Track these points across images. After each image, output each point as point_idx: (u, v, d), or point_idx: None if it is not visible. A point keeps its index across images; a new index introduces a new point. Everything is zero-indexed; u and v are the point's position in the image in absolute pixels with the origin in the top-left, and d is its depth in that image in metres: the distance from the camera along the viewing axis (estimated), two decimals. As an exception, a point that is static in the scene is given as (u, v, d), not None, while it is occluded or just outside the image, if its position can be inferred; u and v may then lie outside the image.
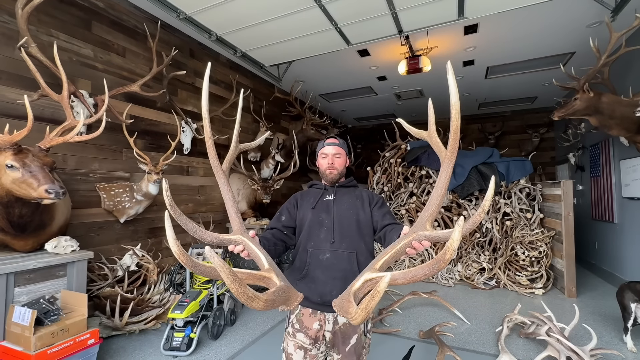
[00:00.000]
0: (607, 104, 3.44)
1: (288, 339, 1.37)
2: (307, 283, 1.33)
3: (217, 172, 1.21)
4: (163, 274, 3.27)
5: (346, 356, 1.33)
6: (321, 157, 1.51)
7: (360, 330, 1.36)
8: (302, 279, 1.34)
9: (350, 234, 1.37)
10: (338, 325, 1.35)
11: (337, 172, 1.48)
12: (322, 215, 1.41)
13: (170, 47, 3.61)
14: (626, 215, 4.25)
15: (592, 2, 3.28)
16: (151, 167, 3.07)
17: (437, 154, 1.08)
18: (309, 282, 1.33)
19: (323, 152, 1.51)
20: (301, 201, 1.49)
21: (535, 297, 3.76)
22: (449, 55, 4.60)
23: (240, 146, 1.33)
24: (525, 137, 7.42)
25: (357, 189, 1.53)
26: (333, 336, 1.34)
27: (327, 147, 1.51)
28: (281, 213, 1.46)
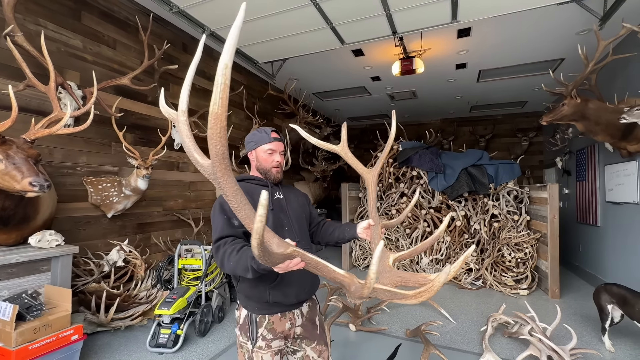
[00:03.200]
0: (594, 110, 3.52)
1: (260, 353, 1.25)
2: (281, 288, 1.26)
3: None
4: (151, 270, 3.24)
5: (318, 338, 1.39)
6: (267, 152, 1.37)
7: (318, 308, 1.47)
8: (275, 286, 1.25)
9: (304, 231, 1.42)
10: (304, 316, 1.37)
11: (282, 171, 1.41)
12: (280, 215, 1.34)
13: (163, 40, 3.56)
14: (609, 219, 4.36)
15: (581, 10, 3.35)
16: (140, 161, 3.03)
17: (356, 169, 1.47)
18: (284, 286, 1.26)
19: (270, 147, 1.37)
20: (250, 200, 1.29)
21: (519, 297, 3.84)
22: (442, 57, 4.64)
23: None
24: (515, 141, 7.55)
25: (293, 187, 1.57)
26: (304, 329, 1.36)
27: (275, 142, 1.38)
28: (231, 217, 1.19)
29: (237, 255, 1.07)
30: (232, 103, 4.86)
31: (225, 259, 1.09)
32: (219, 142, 0.72)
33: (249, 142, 1.42)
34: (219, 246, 1.14)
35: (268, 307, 1.27)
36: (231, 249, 1.10)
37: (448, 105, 7.23)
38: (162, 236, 3.70)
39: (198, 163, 0.81)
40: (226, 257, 1.09)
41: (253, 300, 1.27)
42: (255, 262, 0.98)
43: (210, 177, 0.81)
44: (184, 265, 3.00)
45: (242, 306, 1.31)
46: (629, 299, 2.50)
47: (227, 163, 0.76)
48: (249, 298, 1.28)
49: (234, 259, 1.07)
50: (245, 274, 1.04)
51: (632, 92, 3.55)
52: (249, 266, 1.01)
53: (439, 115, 8.12)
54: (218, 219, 1.21)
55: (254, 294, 1.26)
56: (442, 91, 6.20)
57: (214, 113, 0.69)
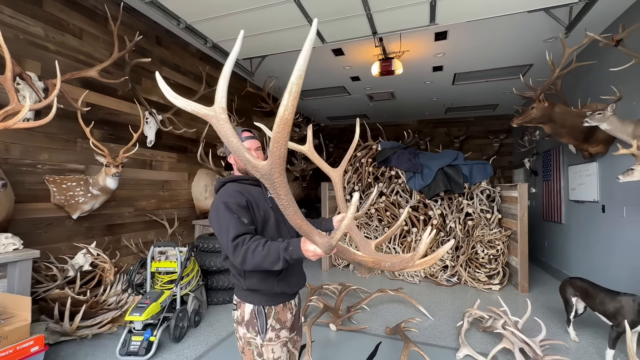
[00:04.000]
0: (559, 113, 3.72)
1: (271, 345, 1.28)
2: (287, 279, 1.32)
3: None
4: (121, 274, 3.06)
5: (299, 329, 1.47)
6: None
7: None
8: (281, 278, 1.30)
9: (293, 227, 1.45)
10: (297, 307, 1.44)
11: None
12: (277, 213, 1.38)
13: (134, 31, 3.38)
14: (572, 216, 4.64)
15: (548, 19, 3.52)
16: (110, 159, 2.86)
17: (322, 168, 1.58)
18: (289, 277, 1.33)
19: (246, 146, 1.35)
20: (250, 199, 1.31)
21: (492, 292, 4.00)
22: (419, 59, 4.74)
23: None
24: (487, 142, 7.87)
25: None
26: (294, 319, 1.40)
27: (247, 141, 1.37)
28: (240, 215, 1.21)
29: (264, 249, 1.10)
30: (210, 100, 4.71)
31: (249, 255, 1.11)
32: (283, 145, 0.77)
33: (226, 147, 1.41)
34: (238, 244, 1.14)
35: (274, 298, 1.31)
36: (254, 244, 1.12)
37: (425, 107, 7.41)
38: (134, 238, 3.52)
39: (250, 164, 0.81)
40: (249, 253, 1.11)
41: (261, 293, 1.29)
42: (287, 253, 1.06)
43: (264, 177, 0.83)
44: (158, 268, 2.86)
45: (245, 302, 1.30)
46: (590, 292, 2.66)
47: (284, 165, 0.82)
48: (256, 292, 1.29)
49: (261, 254, 1.09)
50: (273, 266, 1.08)
51: (594, 97, 3.78)
52: (280, 258, 1.07)
53: (416, 116, 8.31)
54: (226, 218, 1.20)
55: (263, 287, 1.28)
56: (419, 93, 6.34)
57: (283, 118, 0.73)
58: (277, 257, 1.07)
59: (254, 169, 0.82)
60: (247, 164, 0.80)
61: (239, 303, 1.32)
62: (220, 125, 0.82)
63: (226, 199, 1.25)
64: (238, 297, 1.33)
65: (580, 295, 2.74)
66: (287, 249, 1.07)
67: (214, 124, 0.82)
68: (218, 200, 1.27)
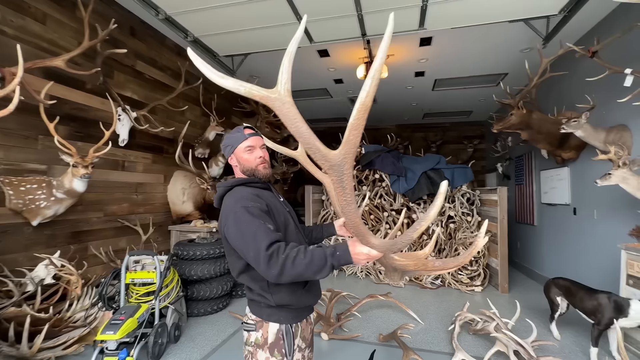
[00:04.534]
0: (537, 120, 3.90)
1: None
2: (312, 291, 1.21)
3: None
4: (89, 287, 2.75)
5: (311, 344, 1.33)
6: (246, 151, 1.24)
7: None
8: (308, 289, 1.19)
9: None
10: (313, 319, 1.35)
11: (269, 166, 1.29)
12: (290, 216, 1.29)
13: (106, 20, 3.09)
14: (544, 218, 4.88)
15: (526, 29, 3.68)
16: (78, 159, 2.57)
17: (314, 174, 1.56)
18: (313, 288, 1.23)
19: (248, 145, 1.24)
20: (269, 203, 1.19)
21: (475, 294, 4.08)
22: (404, 64, 4.79)
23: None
24: (462, 147, 8.15)
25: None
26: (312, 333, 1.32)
27: (251, 138, 1.26)
28: (267, 222, 1.08)
29: (306, 256, 0.97)
30: (188, 98, 4.45)
31: (288, 265, 0.96)
32: (360, 133, 0.74)
33: (225, 147, 1.29)
34: (273, 253, 0.98)
35: (301, 312, 1.19)
36: (294, 252, 0.98)
37: (404, 112, 7.54)
38: (103, 246, 3.20)
39: (320, 152, 0.77)
40: (289, 262, 0.96)
41: (290, 308, 1.15)
42: (335, 259, 0.96)
43: (333, 168, 0.78)
44: (133, 279, 2.60)
45: (268, 322, 1.15)
46: (572, 290, 2.77)
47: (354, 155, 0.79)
48: (285, 307, 1.15)
49: (303, 262, 0.96)
50: (316, 275, 0.97)
51: (569, 105, 3.99)
52: (327, 264, 0.96)
53: (395, 120, 8.44)
54: (253, 225, 1.04)
55: (292, 301, 1.14)
56: (400, 97, 6.43)
57: (365, 104, 0.71)
58: (323, 263, 0.96)
59: (324, 158, 0.77)
60: (317, 152, 0.76)
61: (258, 323, 1.15)
62: (286, 110, 0.74)
63: (245, 203, 1.10)
64: (258, 316, 1.16)
65: (564, 294, 2.84)
66: (334, 254, 0.96)
67: (278, 108, 0.74)
68: (234, 205, 1.11)
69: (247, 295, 1.21)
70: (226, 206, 1.14)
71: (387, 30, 0.68)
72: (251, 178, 1.24)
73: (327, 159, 0.77)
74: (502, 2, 3.09)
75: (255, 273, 1.11)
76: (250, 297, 1.18)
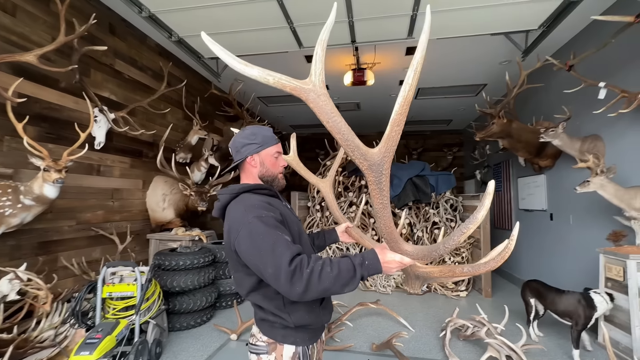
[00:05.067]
0: (516, 129, 4.06)
1: None
2: (327, 307, 1.13)
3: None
4: (59, 302, 2.52)
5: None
6: (274, 156, 1.18)
7: None
8: (325, 306, 1.11)
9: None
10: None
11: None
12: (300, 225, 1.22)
13: (82, 15, 2.92)
14: (522, 224, 5.06)
15: (506, 42, 3.85)
16: (50, 162, 2.36)
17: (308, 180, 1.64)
18: (328, 304, 1.14)
19: (277, 150, 1.19)
20: (282, 213, 1.10)
21: (460, 299, 4.14)
22: (389, 72, 4.86)
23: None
24: (442, 155, 8.38)
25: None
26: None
27: (279, 144, 1.21)
28: (284, 233, 0.98)
29: (332, 269, 0.88)
30: (169, 100, 4.27)
31: (315, 280, 0.86)
32: (401, 130, 0.75)
33: (249, 143, 1.14)
34: (297, 268, 0.87)
35: (317, 332, 1.10)
36: (319, 265, 0.89)
37: (387, 119, 7.50)
38: (75, 257, 2.95)
39: (359, 150, 0.75)
40: (315, 277, 0.87)
41: (307, 328, 1.06)
42: (365, 269, 0.89)
43: (372, 167, 0.77)
44: (110, 293, 2.40)
45: (283, 344, 1.04)
46: (542, 292, 2.88)
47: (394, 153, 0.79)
48: (301, 328, 1.04)
49: (330, 276, 0.87)
50: (344, 288, 0.88)
51: (546, 115, 4.19)
52: (356, 276, 0.88)
53: (377, 128, 8.55)
54: (270, 237, 0.93)
55: (311, 320, 1.05)
56: (384, 105, 6.53)
57: (407, 98, 0.71)
58: (352, 275, 0.87)
59: (363, 157, 0.73)
60: (355, 150, 0.72)
61: (271, 345, 1.05)
62: (322, 102, 0.69)
63: (258, 212, 0.98)
64: (271, 337, 1.05)
65: (536, 297, 2.94)
66: (362, 264, 0.89)
67: (312, 100, 0.68)
68: (244, 215, 0.98)
69: (257, 315, 1.09)
70: (234, 216, 1.02)
71: (425, 24, 0.66)
72: (259, 185, 1.14)
73: (366, 157, 0.73)
74: (485, 16, 3.21)
75: (269, 291, 1.02)
76: (262, 317, 1.06)
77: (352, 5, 2.90)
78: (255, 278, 1.03)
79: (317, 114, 0.71)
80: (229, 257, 1.08)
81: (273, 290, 1.00)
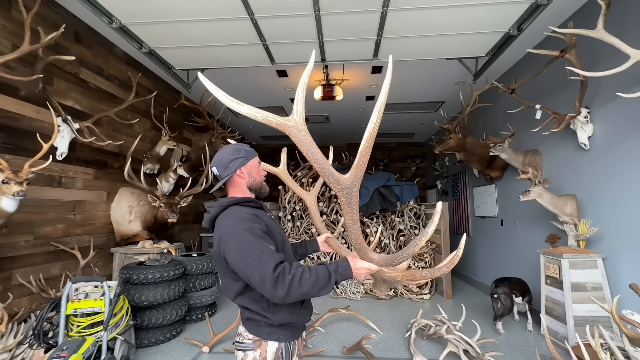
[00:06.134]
0: (470, 144, 4.48)
1: None
2: (307, 308, 1.25)
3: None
4: (14, 323, 2.37)
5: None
6: (257, 166, 1.30)
7: None
8: (305, 306, 1.23)
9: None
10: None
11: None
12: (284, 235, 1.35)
13: (47, 22, 2.86)
14: (477, 230, 5.52)
15: (460, 66, 4.28)
16: (10, 174, 2.26)
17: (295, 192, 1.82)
18: (308, 305, 1.26)
19: (258, 160, 1.31)
20: (268, 223, 1.21)
21: (424, 301, 4.40)
22: (356, 88, 5.16)
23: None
24: (405, 166, 8.85)
25: None
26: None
27: (257, 155, 1.32)
28: (269, 243, 1.09)
29: (311, 275, 1.00)
30: (137, 110, 4.19)
31: (295, 285, 0.98)
32: (367, 160, 0.87)
33: (235, 158, 1.25)
34: (280, 274, 0.98)
35: (298, 330, 1.22)
36: (299, 272, 1.00)
37: (354, 132, 7.99)
38: (32, 274, 2.78)
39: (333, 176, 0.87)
40: (296, 282, 0.98)
41: (289, 326, 1.17)
42: (339, 274, 1.02)
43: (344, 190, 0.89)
44: (75, 309, 2.31)
45: (267, 340, 1.14)
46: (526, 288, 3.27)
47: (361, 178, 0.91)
48: (286, 326, 1.16)
49: (309, 281, 0.99)
50: (321, 292, 1.01)
51: (494, 132, 4.67)
52: (331, 281, 1.01)
53: (345, 140, 8.86)
54: (256, 247, 1.04)
55: (293, 319, 1.16)
56: (351, 118, 6.83)
57: (372, 134, 0.82)
58: (327, 280, 1.00)
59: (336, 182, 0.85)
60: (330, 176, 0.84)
61: (257, 342, 1.15)
62: (302, 137, 0.81)
63: (245, 224, 1.09)
64: (256, 335, 1.15)
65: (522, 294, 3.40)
66: (337, 271, 1.01)
67: (294, 135, 0.80)
68: (233, 226, 1.09)
69: (244, 315, 1.19)
70: (224, 228, 1.12)
71: (388, 72, 0.82)
72: (245, 198, 1.24)
73: (339, 182, 0.86)
74: (442, 43, 3.58)
75: (255, 294, 1.12)
76: (248, 317, 1.17)
77: (322, 28, 3.11)
78: (242, 283, 1.13)
79: (299, 146, 0.84)
80: (218, 265, 1.17)
81: (258, 294, 1.11)
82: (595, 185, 2.94)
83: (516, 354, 2.80)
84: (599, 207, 2.91)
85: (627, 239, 2.65)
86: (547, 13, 2.98)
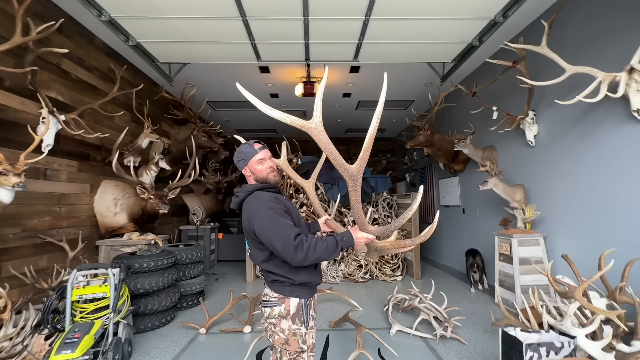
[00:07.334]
0: (437, 140, 4.97)
1: (312, 332, 1.46)
2: (319, 272, 1.54)
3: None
4: (12, 313, 2.40)
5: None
6: (258, 163, 1.49)
7: None
8: (318, 271, 1.51)
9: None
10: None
11: (278, 173, 1.57)
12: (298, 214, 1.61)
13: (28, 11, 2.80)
14: (442, 217, 6.10)
15: (429, 69, 4.72)
16: (7, 166, 2.28)
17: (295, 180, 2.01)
18: (319, 269, 1.55)
19: (259, 158, 1.49)
20: (286, 205, 1.46)
21: (397, 282, 4.87)
22: (335, 86, 5.45)
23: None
24: (377, 159, 9.34)
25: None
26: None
27: (261, 152, 1.49)
28: (288, 219, 1.35)
29: (323, 243, 1.29)
30: (118, 102, 4.15)
31: (311, 250, 1.26)
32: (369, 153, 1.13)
33: (238, 161, 1.52)
34: (300, 243, 1.25)
35: (313, 289, 1.50)
36: (314, 240, 1.29)
37: (330, 127, 8.29)
38: (21, 266, 2.78)
39: (344, 166, 1.10)
40: (311, 248, 1.27)
41: (307, 285, 1.44)
42: (344, 242, 1.31)
43: (351, 177, 1.12)
44: (81, 295, 2.40)
45: (290, 297, 1.41)
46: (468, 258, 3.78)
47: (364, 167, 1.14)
48: (303, 285, 1.42)
49: (321, 247, 1.28)
50: (331, 256, 1.30)
51: (458, 129, 5.19)
52: (339, 247, 1.30)
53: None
54: (279, 221, 1.31)
55: (309, 279, 1.43)
56: (328, 114, 7.12)
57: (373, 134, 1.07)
58: (335, 247, 1.29)
59: (346, 171, 1.08)
60: (341, 167, 1.06)
61: (281, 299, 1.41)
62: (322, 136, 1.05)
63: (270, 204, 1.35)
64: (280, 294, 1.41)
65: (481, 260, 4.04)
66: (342, 239, 1.31)
67: (315, 135, 1.04)
68: (260, 207, 1.35)
69: (269, 278, 1.45)
70: (251, 208, 1.38)
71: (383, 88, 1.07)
72: (266, 185, 1.50)
73: (348, 170, 1.12)
74: (414, 49, 3.97)
75: (278, 260, 1.40)
76: (273, 279, 1.43)
77: (309, 31, 3.35)
78: (267, 252, 1.41)
79: (318, 144, 1.07)
80: (248, 238, 1.44)
81: (281, 260, 1.39)
82: (540, 176, 3.50)
83: (476, 318, 3.31)
84: (542, 195, 3.47)
85: (563, 221, 3.22)
86: (503, 29, 3.46)
